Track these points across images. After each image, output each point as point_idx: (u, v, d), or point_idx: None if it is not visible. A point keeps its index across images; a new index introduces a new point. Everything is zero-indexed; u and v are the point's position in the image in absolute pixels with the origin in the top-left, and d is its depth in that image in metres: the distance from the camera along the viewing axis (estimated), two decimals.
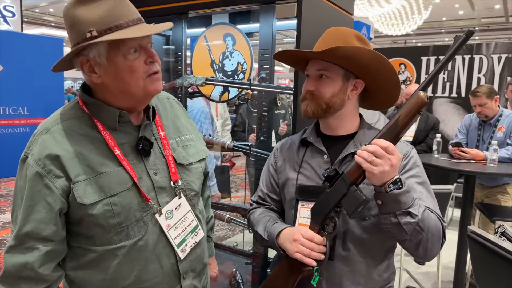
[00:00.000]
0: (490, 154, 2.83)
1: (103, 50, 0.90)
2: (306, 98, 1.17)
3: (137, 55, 0.92)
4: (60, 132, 0.94)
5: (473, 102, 3.18)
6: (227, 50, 1.91)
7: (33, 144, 0.94)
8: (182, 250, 1.05)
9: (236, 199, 5.32)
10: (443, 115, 5.32)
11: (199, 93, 2.08)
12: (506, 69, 4.96)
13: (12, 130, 7.06)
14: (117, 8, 0.90)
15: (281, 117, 3.96)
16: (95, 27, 0.88)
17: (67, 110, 0.99)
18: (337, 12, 1.86)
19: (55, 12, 13.89)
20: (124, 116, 0.98)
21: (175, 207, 1.05)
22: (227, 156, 3.68)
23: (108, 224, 0.93)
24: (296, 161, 1.24)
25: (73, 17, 0.90)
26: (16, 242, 0.92)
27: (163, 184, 1.03)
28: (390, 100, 1.21)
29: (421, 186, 1.11)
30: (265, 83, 1.77)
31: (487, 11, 11.96)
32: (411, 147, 1.18)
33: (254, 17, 1.85)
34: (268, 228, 1.19)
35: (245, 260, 2.08)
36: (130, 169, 0.96)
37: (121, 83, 0.93)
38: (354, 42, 1.12)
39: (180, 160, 1.09)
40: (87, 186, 0.91)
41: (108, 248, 0.95)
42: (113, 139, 0.97)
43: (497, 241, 1.33)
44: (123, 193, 0.95)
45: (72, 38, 0.92)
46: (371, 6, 8.79)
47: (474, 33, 1.00)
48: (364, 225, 1.11)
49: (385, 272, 1.17)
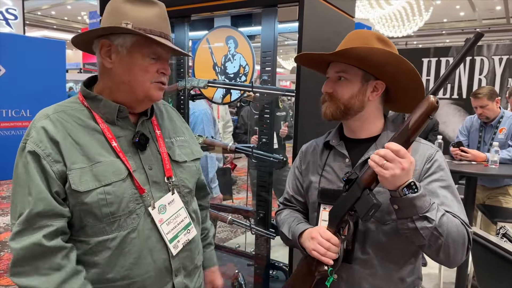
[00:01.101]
0: (491, 156, 2.84)
1: (129, 43, 0.97)
2: (325, 100, 1.17)
3: (153, 62, 1.01)
4: (60, 120, 0.97)
5: (474, 104, 3.18)
6: (229, 52, 1.93)
7: (32, 130, 0.96)
8: (175, 246, 1.06)
9: (238, 201, 5.32)
10: (444, 117, 5.32)
11: (201, 95, 2.09)
12: (507, 70, 4.96)
13: (15, 133, 7.07)
14: (159, 17, 1.01)
15: (282, 119, 3.97)
16: (132, 22, 0.96)
17: (66, 103, 1.03)
18: (339, 14, 1.87)
19: (57, 14, 13.93)
20: (123, 111, 1.02)
21: (168, 202, 1.07)
22: (229, 158, 3.69)
23: (101, 213, 0.95)
24: (319, 164, 1.24)
25: (116, 7, 0.99)
26: (24, 226, 0.90)
27: (157, 179, 1.05)
28: (415, 102, 1.15)
29: (445, 190, 1.08)
30: (267, 85, 1.78)
31: (488, 12, 11.95)
32: (435, 149, 1.14)
33: (256, 19, 1.86)
34: (292, 228, 1.20)
35: (247, 262, 2.09)
36: (126, 161, 0.99)
37: (130, 77, 0.99)
38: (375, 43, 1.11)
39: (175, 157, 1.12)
40: (83, 174, 0.93)
41: (100, 239, 0.96)
42: (111, 132, 1.00)
43: (499, 243, 1.33)
44: (117, 183, 0.97)
45: (104, 22, 1.00)
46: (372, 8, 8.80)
47: (483, 35, 0.98)
48: (384, 229, 1.10)
49: (409, 277, 1.14)
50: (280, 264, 2.03)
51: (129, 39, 0.97)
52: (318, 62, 1.22)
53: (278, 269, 2.05)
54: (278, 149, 3.43)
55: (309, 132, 1.63)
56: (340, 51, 1.06)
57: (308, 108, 1.65)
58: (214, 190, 2.86)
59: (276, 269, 2.07)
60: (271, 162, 1.83)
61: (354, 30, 1.20)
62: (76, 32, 14.71)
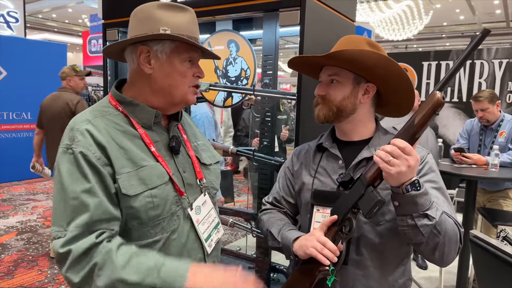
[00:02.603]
0: (491, 159, 2.84)
1: (168, 49, 1.00)
2: (318, 103, 1.19)
3: (190, 66, 1.04)
4: (101, 125, 0.96)
5: (475, 107, 3.18)
6: (230, 56, 1.94)
7: (76, 133, 0.92)
8: (209, 245, 1.10)
9: (239, 204, 5.32)
10: (444, 120, 5.34)
11: (203, 98, 2.10)
12: (507, 74, 4.97)
13: (16, 135, 7.10)
14: (192, 23, 1.04)
15: (283, 122, 3.98)
16: (170, 29, 0.98)
17: (99, 108, 1.02)
18: (339, 19, 1.88)
19: (58, 17, 13.97)
20: (158, 116, 1.04)
21: (201, 203, 1.10)
22: (227, 160, 3.71)
23: (147, 217, 0.95)
24: (312, 166, 1.25)
25: (150, 14, 0.99)
26: (81, 230, 0.86)
27: (191, 181, 1.09)
28: (406, 105, 1.20)
29: (437, 191, 1.10)
30: (268, 89, 1.79)
31: (488, 16, 11.98)
32: (426, 152, 1.17)
33: (258, 23, 1.87)
34: (284, 232, 1.19)
35: (248, 265, 2.09)
36: (165, 165, 1.01)
37: (170, 82, 1.01)
38: (365, 47, 1.14)
39: (203, 160, 1.16)
40: (130, 179, 0.94)
41: (144, 243, 0.96)
42: (149, 137, 1.01)
43: (500, 246, 1.33)
44: (162, 186, 0.98)
45: (137, 29, 1.00)
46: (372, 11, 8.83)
47: (490, 32, 1.00)
48: (378, 230, 1.11)
49: (400, 278, 1.16)
50: (281, 267, 2.03)
51: (168, 45, 0.99)
52: (311, 67, 1.24)
53: (279, 272, 2.05)
54: (279, 152, 3.44)
55: (310, 135, 1.63)
56: (331, 53, 1.09)
57: (309, 111, 1.65)
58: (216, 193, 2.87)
59: (277, 272, 2.07)
60: (272, 165, 1.84)
61: (345, 36, 1.22)
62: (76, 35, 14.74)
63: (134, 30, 1.01)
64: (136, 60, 1.01)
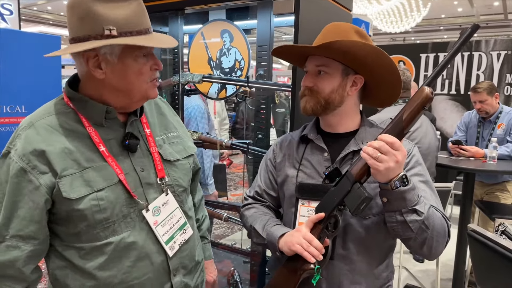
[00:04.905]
0: (489, 152, 2.83)
1: (118, 50, 0.91)
2: (305, 95, 1.15)
3: (145, 60, 0.95)
4: (45, 126, 0.92)
5: (473, 99, 3.16)
6: (224, 47, 1.89)
7: (16, 139, 0.91)
8: (171, 248, 1.04)
9: (235, 197, 5.31)
10: (442, 113, 5.31)
11: (196, 90, 2.06)
12: (505, 66, 4.95)
13: (10, 129, 7.02)
14: (139, 14, 0.92)
15: (283, 115, 3.95)
16: (116, 27, 0.88)
17: (51, 105, 0.98)
18: (336, 8, 1.84)
19: (53, 10, 13.83)
20: (111, 112, 0.98)
21: (162, 204, 1.04)
22: (224, 154, 3.67)
23: (94, 220, 0.92)
24: (296, 158, 1.22)
25: (88, 9, 0.87)
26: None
27: (150, 180, 1.02)
28: (391, 97, 1.19)
29: (424, 184, 1.09)
30: (263, 80, 1.75)
31: (486, 8, 11.93)
32: (412, 145, 1.16)
33: (252, 13, 1.83)
34: (269, 227, 1.17)
35: (243, 259, 2.07)
36: (115, 165, 0.96)
37: (126, 83, 0.94)
38: (354, 37, 1.10)
39: (167, 157, 1.08)
40: (74, 181, 0.90)
41: (94, 245, 0.94)
42: (99, 135, 0.96)
43: (497, 239, 1.32)
44: (110, 187, 0.94)
45: (78, 29, 0.89)
46: (370, 4, 8.77)
47: (480, 27, 0.98)
48: (365, 224, 1.10)
49: (384, 271, 1.16)
50: None
51: (117, 46, 0.90)
52: (296, 55, 1.20)
53: None
54: None
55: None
56: (324, 44, 1.04)
57: None
58: (210, 187, 2.84)
59: None
60: None
61: (332, 23, 1.17)
62: None
63: (75, 30, 0.90)
64: (84, 64, 0.92)
